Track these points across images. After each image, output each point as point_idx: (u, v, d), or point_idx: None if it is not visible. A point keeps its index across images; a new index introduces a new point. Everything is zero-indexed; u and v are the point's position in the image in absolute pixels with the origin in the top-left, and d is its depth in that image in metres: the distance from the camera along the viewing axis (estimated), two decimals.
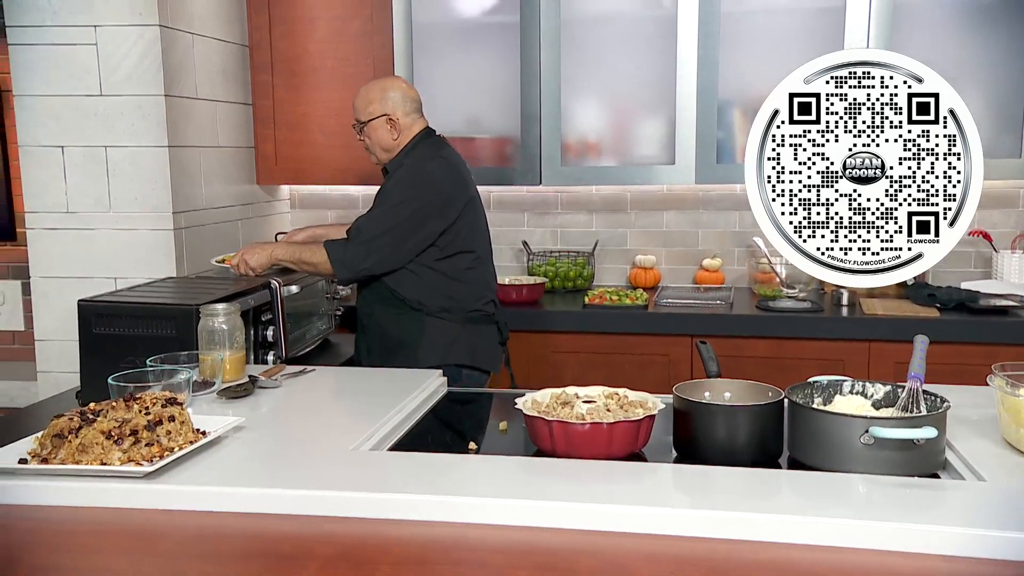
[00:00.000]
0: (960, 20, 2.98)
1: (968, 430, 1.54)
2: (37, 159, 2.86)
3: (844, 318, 2.87)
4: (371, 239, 2.43)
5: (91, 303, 2.13)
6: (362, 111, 2.55)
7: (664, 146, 3.18)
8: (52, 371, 2.93)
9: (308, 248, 2.50)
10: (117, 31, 2.78)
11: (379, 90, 2.56)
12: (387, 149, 2.57)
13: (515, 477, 1.38)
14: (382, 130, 2.54)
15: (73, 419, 1.42)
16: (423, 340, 2.45)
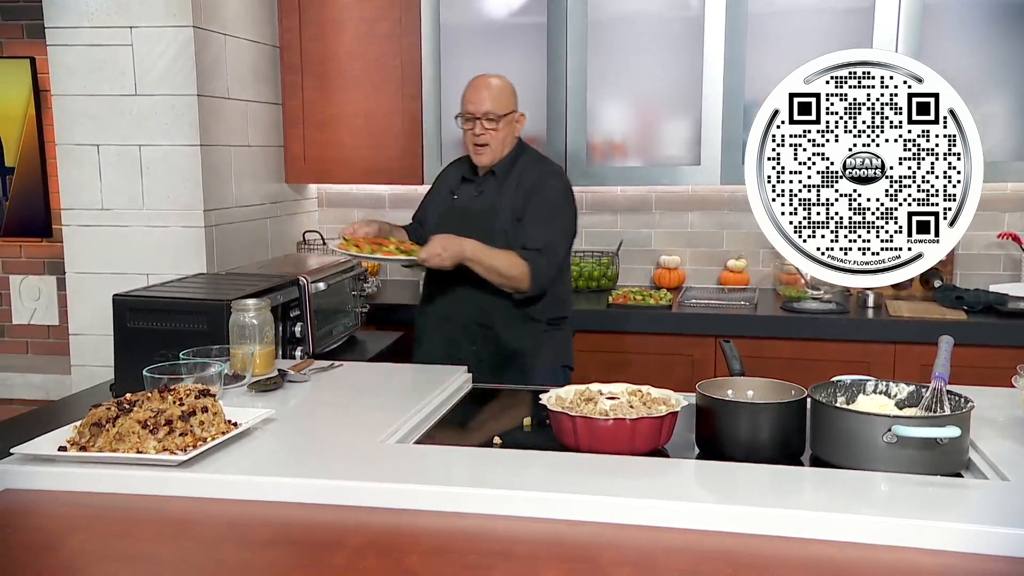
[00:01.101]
0: (989, 21, 2.96)
1: (993, 431, 1.54)
2: (73, 157, 2.93)
3: (870, 320, 2.86)
4: (557, 254, 2.41)
5: (125, 298, 2.18)
6: (499, 104, 2.46)
7: (690, 147, 3.18)
8: (86, 365, 2.99)
9: (504, 257, 2.35)
10: (152, 32, 2.83)
11: (509, 87, 2.51)
12: (505, 147, 2.50)
13: (541, 471, 1.40)
14: (513, 126, 2.50)
15: (111, 409, 1.46)
16: (541, 350, 2.46)
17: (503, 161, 2.50)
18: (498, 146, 2.47)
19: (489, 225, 2.45)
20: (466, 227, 2.44)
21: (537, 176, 2.47)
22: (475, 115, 2.45)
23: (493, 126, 2.45)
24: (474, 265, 2.33)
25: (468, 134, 2.49)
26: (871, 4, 2.95)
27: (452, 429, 1.77)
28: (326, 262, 2.82)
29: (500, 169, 2.51)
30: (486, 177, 2.53)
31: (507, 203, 2.47)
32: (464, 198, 2.58)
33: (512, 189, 2.47)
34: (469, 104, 2.47)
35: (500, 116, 2.45)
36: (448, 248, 2.29)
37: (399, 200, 3.74)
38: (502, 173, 2.50)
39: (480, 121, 2.44)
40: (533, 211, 2.43)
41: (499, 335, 2.44)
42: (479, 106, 2.44)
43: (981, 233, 3.25)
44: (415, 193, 3.69)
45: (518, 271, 2.35)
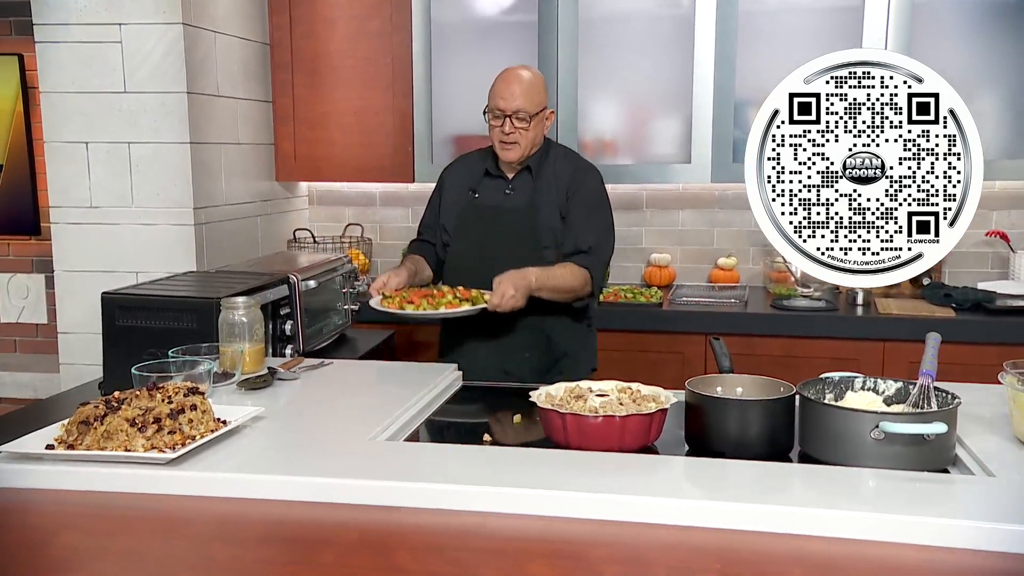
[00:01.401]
0: (978, 20, 2.97)
1: (980, 427, 1.55)
2: (62, 155, 2.92)
3: (859, 317, 2.87)
4: (608, 250, 2.36)
5: (115, 296, 2.17)
6: (532, 101, 2.29)
7: (680, 145, 3.19)
8: (75, 363, 2.98)
9: (566, 273, 2.24)
10: (142, 29, 2.82)
11: (541, 81, 2.36)
12: (536, 145, 2.37)
13: (531, 467, 1.40)
14: (543, 124, 2.36)
15: (98, 407, 1.46)
16: (582, 351, 2.41)
17: (535, 156, 2.38)
18: (527, 144, 2.32)
19: (533, 224, 2.33)
20: (501, 227, 2.35)
21: (574, 171, 2.37)
22: (505, 112, 2.28)
23: (524, 125, 2.29)
24: (541, 292, 2.19)
25: (496, 130, 2.32)
26: (861, 3, 2.96)
27: (442, 427, 1.77)
28: (316, 260, 2.81)
29: (535, 164, 2.37)
30: (520, 173, 2.39)
31: (550, 199, 2.34)
32: (490, 195, 2.41)
33: (551, 185, 2.35)
34: (499, 100, 2.29)
35: (532, 115, 2.29)
36: (518, 286, 2.12)
37: (390, 198, 3.74)
38: (537, 168, 2.37)
39: (510, 119, 2.28)
40: (577, 209, 2.33)
41: (551, 339, 2.35)
42: (510, 102, 2.27)
43: (970, 231, 3.21)
44: (406, 191, 3.69)
45: (580, 281, 2.26)
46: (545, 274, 2.19)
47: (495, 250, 2.32)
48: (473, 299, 2.12)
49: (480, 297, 2.13)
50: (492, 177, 2.42)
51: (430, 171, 3.34)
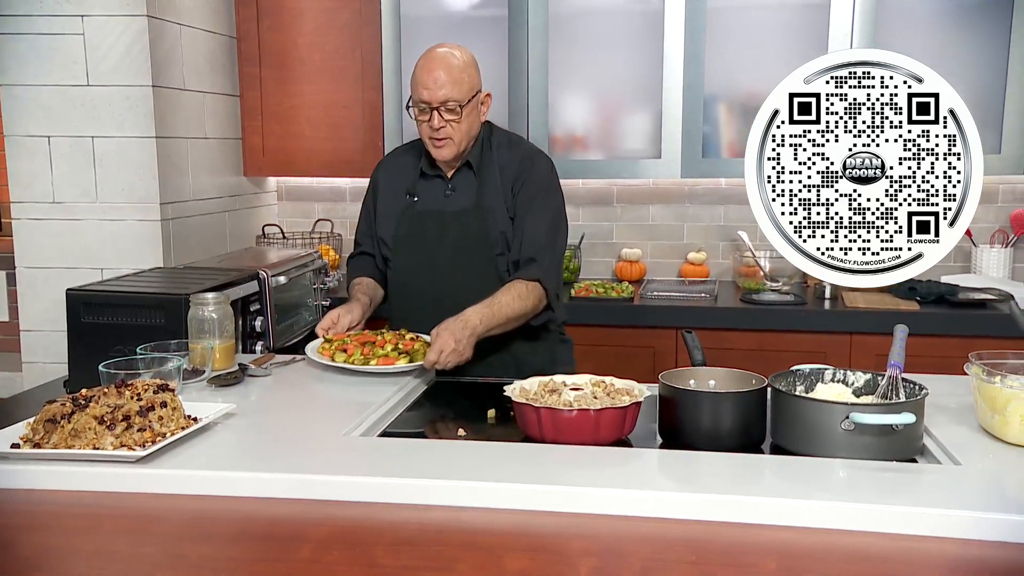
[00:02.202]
0: (943, 18, 3.02)
1: (946, 417, 1.58)
2: (23, 149, 2.86)
3: (826, 311, 2.91)
4: (559, 246, 2.09)
5: (80, 292, 2.13)
6: (461, 87, 1.98)
7: (650, 140, 3.21)
8: (38, 361, 2.92)
9: (510, 299, 1.97)
10: (105, 21, 2.77)
11: (471, 60, 2.04)
12: (473, 136, 2.08)
13: (506, 462, 1.40)
14: (479, 110, 2.07)
15: (66, 405, 1.43)
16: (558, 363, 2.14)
17: (474, 149, 2.09)
18: (462, 137, 2.03)
19: (481, 228, 2.07)
20: (445, 235, 2.09)
21: (519, 162, 2.10)
22: (431, 104, 1.98)
23: (455, 117, 1.99)
24: (492, 331, 1.95)
25: (423, 126, 2.03)
26: (827, 0, 2.99)
27: (416, 421, 1.77)
28: (286, 256, 2.79)
29: (476, 158, 2.09)
30: (460, 171, 2.12)
31: (497, 198, 2.09)
32: (429, 199, 2.14)
33: (495, 180, 2.09)
34: (422, 90, 1.98)
35: (463, 103, 1.99)
36: (459, 336, 1.85)
37: (359, 193, 3.68)
38: (479, 163, 2.10)
39: (438, 112, 1.98)
40: (522, 206, 2.07)
41: (520, 361, 2.11)
42: (435, 92, 1.97)
43: None
44: None
45: (533, 301, 2.00)
46: (489, 310, 1.93)
47: (442, 262, 2.09)
48: (412, 354, 1.91)
49: (421, 350, 1.92)
50: (428, 177, 2.15)
51: None
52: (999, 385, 1.45)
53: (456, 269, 2.08)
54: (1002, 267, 3.18)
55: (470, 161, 2.11)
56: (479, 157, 2.11)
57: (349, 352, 1.93)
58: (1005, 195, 3.31)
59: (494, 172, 2.11)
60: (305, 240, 3.55)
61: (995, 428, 1.47)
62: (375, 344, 1.95)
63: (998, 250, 3.19)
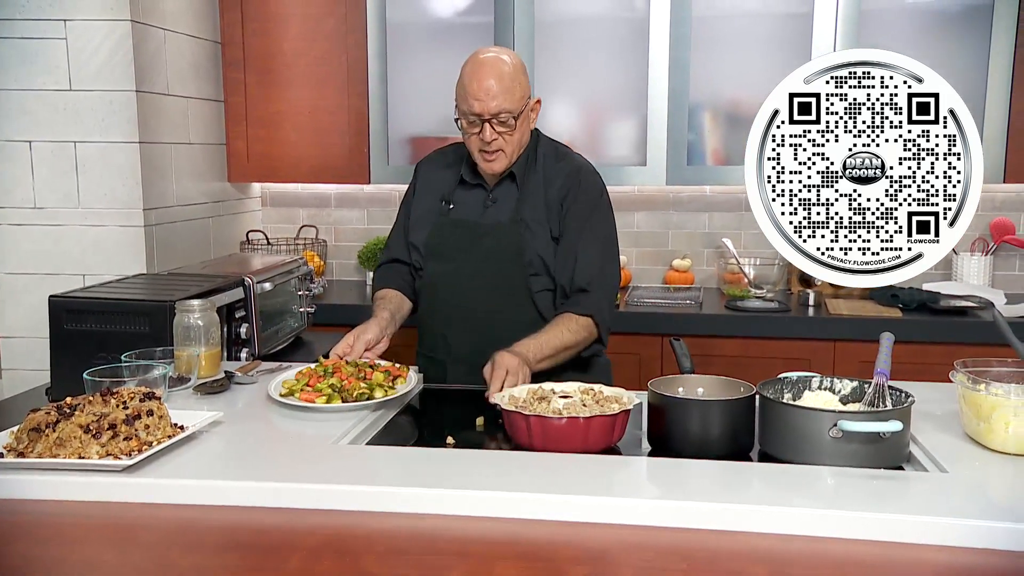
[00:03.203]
0: (924, 27, 3.06)
1: (931, 424, 1.59)
2: (4, 154, 2.83)
3: (810, 318, 2.93)
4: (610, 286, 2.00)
5: (63, 299, 2.11)
6: (514, 97, 1.87)
7: (635, 147, 3.22)
8: (18, 369, 2.89)
9: (559, 332, 1.87)
10: (88, 26, 2.75)
11: (521, 66, 1.92)
12: (523, 146, 1.98)
13: (495, 470, 1.40)
14: (530, 117, 1.96)
15: (50, 413, 1.42)
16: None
17: (520, 160, 1.99)
18: (514, 150, 1.93)
19: (519, 244, 1.96)
20: (480, 247, 1.98)
21: (566, 176, 1.98)
22: (483, 116, 1.86)
23: (508, 129, 1.88)
24: (541, 365, 1.83)
25: (473, 139, 1.91)
26: (810, 9, 3.02)
27: (405, 430, 1.76)
28: (271, 262, 2.77)
29: (520, 169, 1.98)
30: (503, 181, 2.01)
31: (538, 214, 1.97)
32: (466, 208, 2.04)
33: (538, 193, 1.97)
34: (473, 102, 1.86)
35: (517, 115, 1.88)
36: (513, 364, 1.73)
37: (345, 199, 3.70)
38: (523, 174, 1.99)
39: (490, 124, 1.86)
40: (573, 227, 1.95)
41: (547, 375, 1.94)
42: (487, 104, 1.85)
43: None
44: (361, 192, 3.66)
45: (584, 335, 1.91)
46: (539, 344, 1.82)
47: (471, 274, 1.98)
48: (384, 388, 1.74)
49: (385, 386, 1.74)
50: (468, 186, 2.05)
51: (385, 172, 3.32)
52: (984, 393, 1.47)
53: (486, 282, 1.95)
54: (982, 275, 3.22)
55: (514, 172, 2.00)
56: (523, 168, 2.00)
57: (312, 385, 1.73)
58: (984, 203, 3.34)
59: (538, 184, 1.99)
60: (290, 246, 3.54)
61: (981, 436, 1.48)
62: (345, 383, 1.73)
63: (978, 258, 3.23)
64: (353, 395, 1.69)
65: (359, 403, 1.68)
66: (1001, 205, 3.34)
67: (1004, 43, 2.96)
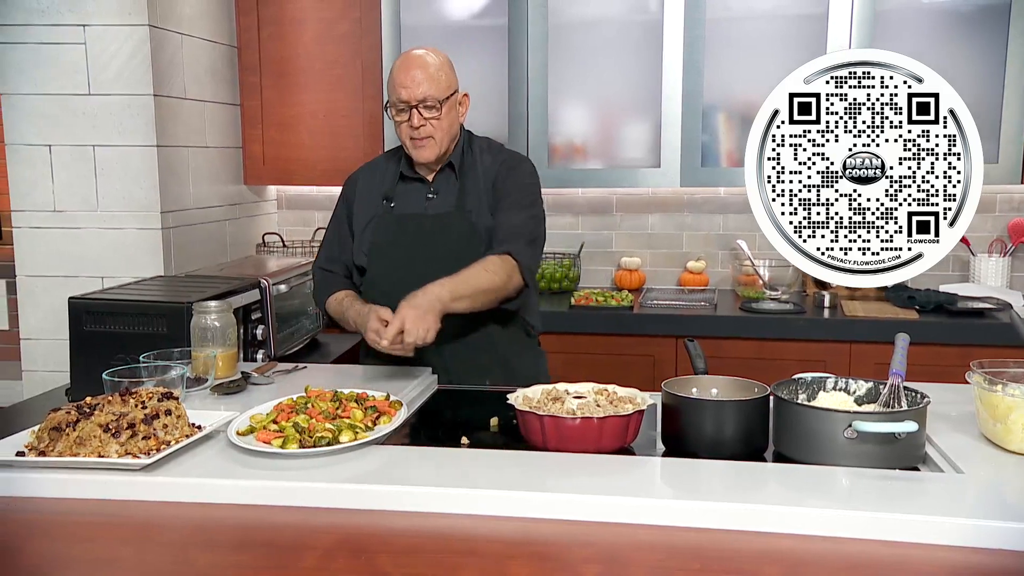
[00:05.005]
0: (939, 28, 3.04)
1: (947, 425, 1.59)
2: (24, 157, 2.86)
3: (826, 319, 2.92)
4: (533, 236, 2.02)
5: (82, 301, 2.13)
6: (439, 85, 1.98)
7: (649, 149, 3.22)
8: (38, 370, 2.92)
9: (479, 270, 1.89)
10: (106, 31, 2.78)
11: (447, 61, 2.04)
12: (455, 136, 2.07)
13: (510, 470, 1.40)
14: (457, 109, 2.06)
15: (70, 413, 1.43)
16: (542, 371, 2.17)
17: (456, 150, 2.08)
18: (443, 136, 2.01)
19: (468, 230, 2.02)
20: (426, 240, 2.02)
21: (501, 163, 2.09)
22: (410, 103, 1.98)
23: (435, 114, 1.98)
24: (459, 303, 1.83)
25: (403, 126, 2.01)
26: (824, 10, 3.01)
27: (418, 430, 1.77)
28: (286, 264, 2.79)
29: (458, 159, 2.08)
30: (441, 172, 2.09)
31: (479, 200, 2.05)
32: (408, 203, 2.08)
33: (477, 183, 2.07)
34: (401, 90, 1.98)
35: (442, 100, 1.99)
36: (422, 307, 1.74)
37: None
38: (461, 165, 2.07)
39: (417, 109, 1.97)
40: (503, 200, 2.05)
41: (504, 356, 2.09)
42: (413, 90, 1.97)
43: None
44: None
45: (504, 273, 1.91)
46: (454, 283, 1.82)
47: (422, 269, 1.92)
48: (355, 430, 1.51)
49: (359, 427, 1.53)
50: (408, 181, 2.10)
51: None
52: (1001, 394, 1.46)
53: (438, 272, 1.89)
54: (1000, 276, 3.20)
55: (452, 163, 2.08)
56: (460, 159, 2.08)
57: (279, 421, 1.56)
58: (1003, 204, 3.32)
59: (476, 175, 2.08)
60: (305, 249, 3.56)
61: (997, 436, 1.48)
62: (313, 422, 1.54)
63: (996, 259, 3.20)
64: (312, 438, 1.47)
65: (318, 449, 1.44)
66: (1019, 206, 3.32)
67: (1021, 43, 2.94)
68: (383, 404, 1.67)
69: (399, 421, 1.61)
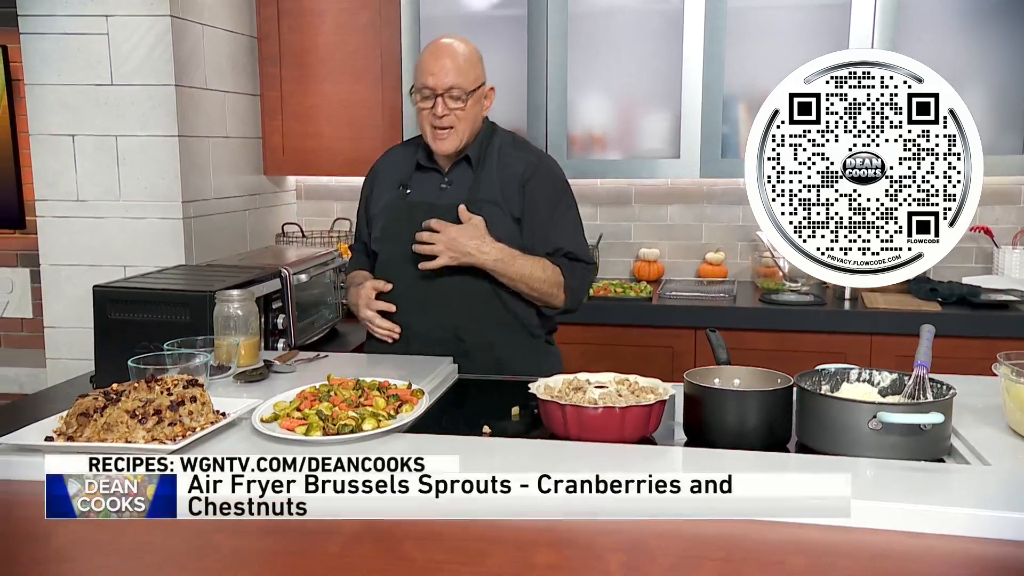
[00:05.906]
0: (964, 18, 3.01)
1: (973, 418, 1.57)
2: (48, 148, 2.89)
3: (847, 311, 2.90)
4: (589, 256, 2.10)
5: (107, 289, 2.15)
6: (467, 76, 1.97)
7: (669, 140, 3.21)
8: (61, 358, 2.95)
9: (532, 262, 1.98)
10: (128, 21, 2.80)
11: (476, 53, 2.03)
12: (476, 130, 2.06)
13: (531, 458, 1.41)
14: (482, 104, 2.06)
15: (98, 399, 1.45)
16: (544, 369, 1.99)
17: (475, 144, 2.07)
18: (465, 129, 2.01)
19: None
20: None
21: (527, 162, 2.06)
22: (436, 91, 1.96)
23: (459, 105, 1.97)
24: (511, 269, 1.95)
25: (426, 113, 2.00)
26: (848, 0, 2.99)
27: (440, 419, 1.77)
28: (306, 254, 2.80)
29: (475, 153, 2.06)
30: (458, 164, 2.08)
31: (493, 196, 2.03)
32: (422, 191, 2.09)
33: (493, 178, 2.04)
34: (428, 76, 1.97)
35: (469, 92, 1.98)
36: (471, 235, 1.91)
37: None
38: (478, 158, 2.06)
39: (443, 99, 1.96)
40: (543, 207, 2.03)
41: (499, 356, 2.06)
42: (441, 79, 1.95)
43: None
44: None
45: (552, 281, 2.00)
46: (510, 254, 1.94)
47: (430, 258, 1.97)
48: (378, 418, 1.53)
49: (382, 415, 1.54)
50: (424, 170, 2.11)
51: None
52: None
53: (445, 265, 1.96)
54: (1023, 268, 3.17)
55: (469, 156, 2.07)
56: (478, 152, 2.07)
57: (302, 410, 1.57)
58: None
59: (492, 168, 2.06)
60: (324, 239, 3.57)
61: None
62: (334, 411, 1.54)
63: (1020, 251, 3.17)
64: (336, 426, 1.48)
65: (341, 436, 1.46)
66: None
67: None
68: (405, 393, 1.67)
69: (421, 410, 1.62)
